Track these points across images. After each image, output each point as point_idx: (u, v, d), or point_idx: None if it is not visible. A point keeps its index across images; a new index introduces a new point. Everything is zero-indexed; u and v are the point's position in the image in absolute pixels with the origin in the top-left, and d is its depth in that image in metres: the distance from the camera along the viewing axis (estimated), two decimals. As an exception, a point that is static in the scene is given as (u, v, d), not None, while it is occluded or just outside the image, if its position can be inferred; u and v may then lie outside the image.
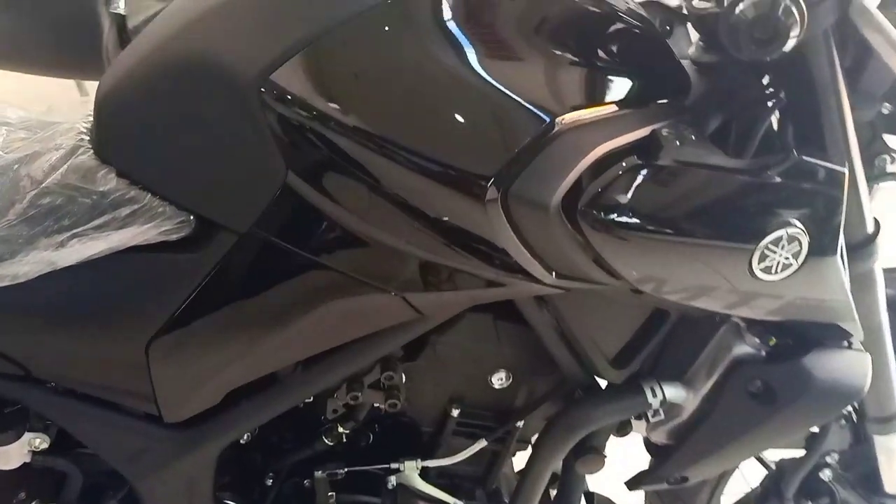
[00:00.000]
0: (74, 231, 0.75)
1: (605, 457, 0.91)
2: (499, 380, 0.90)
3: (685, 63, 0.80)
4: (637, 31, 0.72)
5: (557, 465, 0.92)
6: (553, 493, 1.01)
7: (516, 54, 0.65)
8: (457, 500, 0.95)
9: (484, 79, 0.63)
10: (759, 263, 0.68)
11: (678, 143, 0.67)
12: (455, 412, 0.91)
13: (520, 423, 0.92)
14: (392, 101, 0.64)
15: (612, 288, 0.71)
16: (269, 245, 0.72)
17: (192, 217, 0.75)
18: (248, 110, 0.66)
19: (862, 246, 0.80)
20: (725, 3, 0.64)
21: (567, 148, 0.63)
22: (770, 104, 0.76)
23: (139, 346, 0.79)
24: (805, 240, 0.68)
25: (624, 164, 0.65)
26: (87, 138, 0.77)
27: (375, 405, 0.88)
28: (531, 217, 0.64)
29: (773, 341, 0.81)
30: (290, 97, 0.64)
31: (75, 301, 0.79)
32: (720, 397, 0.83)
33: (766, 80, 0.77)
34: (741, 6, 0.62)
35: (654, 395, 0.85)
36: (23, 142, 0.81)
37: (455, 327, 0.86)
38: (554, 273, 0.68)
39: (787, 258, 0.68)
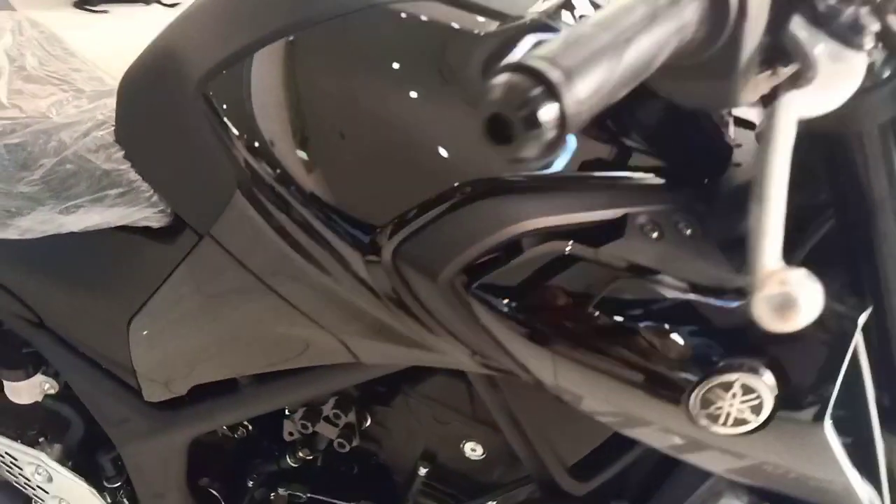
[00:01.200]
0: (76, 201, 0.80)
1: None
2: (472, 450, 0.81)
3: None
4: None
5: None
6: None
7: (450, 101, 0.57)
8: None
9: (402, 121, 0.56)
10: (700, 408, 0.53)
11: (654, 236, 0.55)
12: (423, 470, 0.84)
13: None
14: (300, 129, 0.59)
15: None
16: (222, 253, 0.71)
17: (169, 209, 0.76)
18: (198, 115, 0.65)
19: None
20: None
21: (481, 215, 0.54)
22: (815, 216, 0.59)
23: (122, 321, 0.82)
24: (769, 395, 0.52)
25: (555, 248, 0.54)
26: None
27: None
28: (422, 284, 0.56)
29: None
30: (224, 107, 0.62)
31: (74, 266, 0.84)
32: None
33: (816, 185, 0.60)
34: None
35: None
36: (76, 108, 0.87)
37: (429, 381, 0.79)
38: (472, 352, 0.59)
39: (740, 410, 0.53)
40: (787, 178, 0.39)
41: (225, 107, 0.62)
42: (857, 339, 0.53)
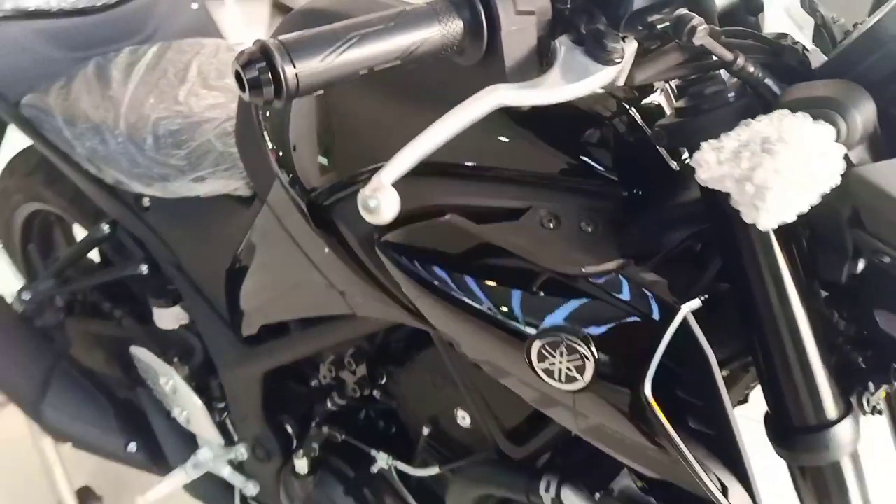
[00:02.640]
0: (202, 173, 1.07)
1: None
2: (462, 417, 0.94)
3: None
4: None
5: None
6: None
7: (381, 96, 0.73)
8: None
9: (346, 111, 0.73)
10: (538, 361, 0.63)
11: (550, 226, 0.67)
12: (426, 430, 0.98)
13: None
14: (292, 129, 0.79)
15: None
16: (272, 217, 0.93)
17: (251, 182, 1.00)
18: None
19: (808, 431, 0.64)
20: None
21: (403, 189, 0.69)
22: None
23: (222, 269, 1.07)
24: (591, 358, 0.60)
25: (448, 219, 0.68)
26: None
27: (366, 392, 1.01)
28: (350, 238, 0.72)
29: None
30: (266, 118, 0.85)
31: (198, 223, 1.11)
32: None
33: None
34: None
35: (547, 491, 0.80)
36: (225, 109, 1.14)
37: (425, 352, 0.93)
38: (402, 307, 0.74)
39: (568, 369, 0.61)
40: (447, 136, 0.50)
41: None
42: (694, 328, 0.60)
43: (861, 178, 0.54)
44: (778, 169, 0.46)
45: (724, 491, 0.65)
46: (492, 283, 0.65)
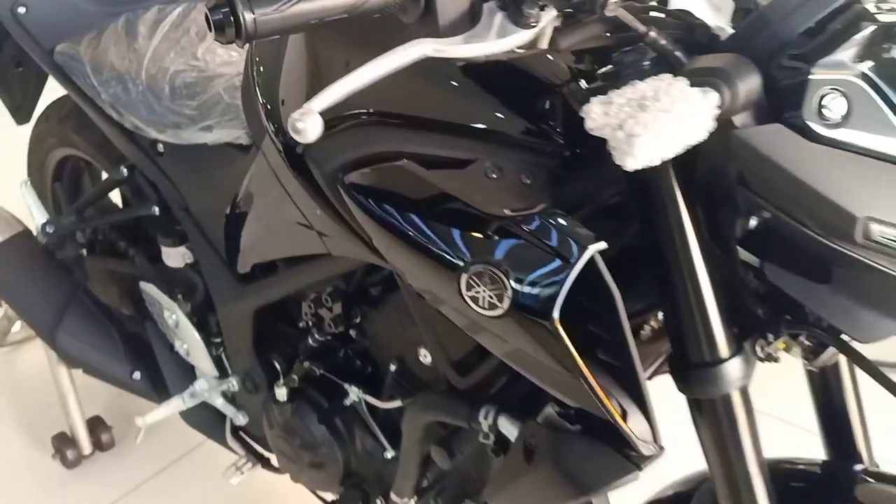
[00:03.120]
0: (210, 122, 1.17)
1: (458, 454, 0.97)
2: (423, 355, 1.03)
3: None
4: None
5: (418, 445, 1.01)
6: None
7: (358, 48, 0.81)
8: (383, 444, 1.12)
9: (324, 67, 0.82)
10: (466, 290, 0.72)
11: (493, 176, 0.76)
12: (392, 367, 1.07)
13: None
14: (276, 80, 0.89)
15: None
16: (264, 161, 1.02)
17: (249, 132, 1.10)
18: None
19: (705, 363, 0.72)
20: None
21: (366, 136, 0.79)
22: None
23: (223, 212, 1.18)
24: (508, 287, 0.69)
25: (402, 164, 0.77)
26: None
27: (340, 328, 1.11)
28: (320, 175, 0.82)
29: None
30: (257, 60, 0.94)
31: (204, 168, 1.21)
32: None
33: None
34: None
35: (486, 419, 0.89)
36: (238, 66, 1.24)
37: (394, 295, 1.03)
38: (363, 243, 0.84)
39: (490, 296, 0.70)
40: (372, 78, 0.59)
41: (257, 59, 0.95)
42: (601, 267, 0.69)
43: (741, 140, 0.62)
44: (646, 122, 0.55)
45: (624, 415, 0.74)
46: (434, 221, 0.74)
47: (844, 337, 0.72)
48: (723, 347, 0.71)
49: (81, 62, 1.29)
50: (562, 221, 0.71)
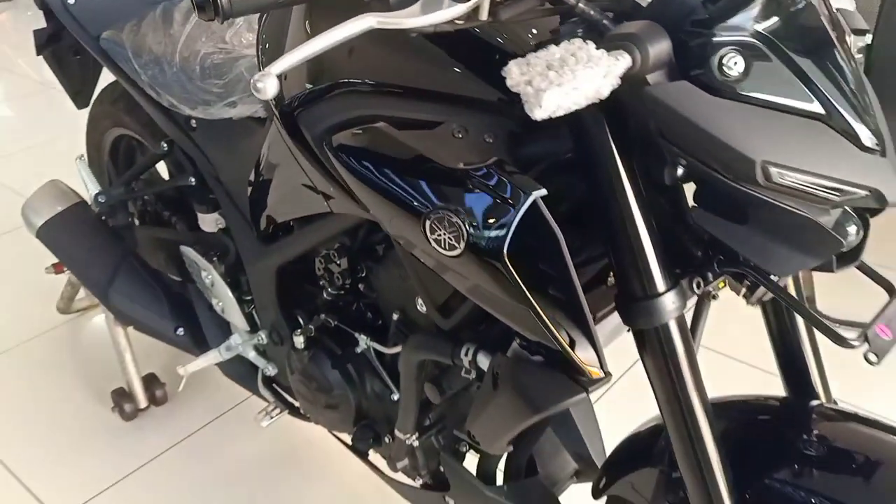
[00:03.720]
0: (233, 99, 1.30)
1: (447, 389, 1.09)
2: (420, 304, 1.13)
3: None
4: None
5: (414, 383, 1.12)
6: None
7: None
8: (390, 387, 1.24)
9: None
10: (430, 233, 0.82)
11: (459, 136, 0.86)
12: (395, 316, 1.19)
13: None
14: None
15: None
16: (277, 133, 1.15)
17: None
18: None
19: (644, 296, 0.81)
20: None
21: (349, 103, 0.90)
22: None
23: (246, 179, 1.31)
24: (464, 229, 0.79)
25: (379, 126, 0.88)
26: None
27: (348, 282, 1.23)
28: (309, 136, 0.93)
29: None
30: (265, 41, 1.06)
31: (230, 140, 1.35)
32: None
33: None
34: None
35: (466, 355, 1.00)
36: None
37: (394, 251, 1.14)
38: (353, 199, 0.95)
39: (449, 238, 0.81)
40: (324, 47, 0.69)
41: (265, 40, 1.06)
42: (543, 211, 0.78)
43: (653, 96, 0.70)
44: (552, 79, 0.64)
45: (572, 345, 0.83)
46: (405, 175, 0.85)
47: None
48: (659, 283, 0.80)
49: (124, 47, 1.43)
50: (510, 172, 0.81)
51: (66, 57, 1.80)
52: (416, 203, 0.84)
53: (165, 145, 1.51)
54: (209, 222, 1.47)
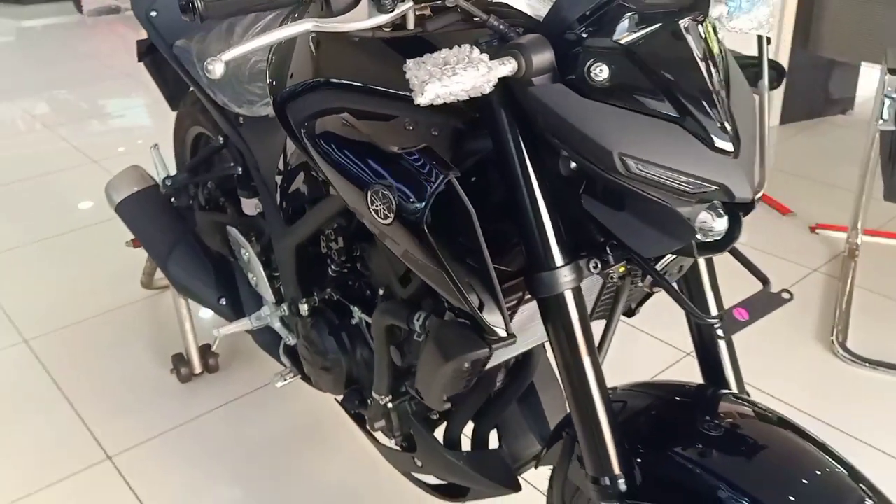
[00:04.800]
0: (269, 99, 1.52)
1: (407, 353, 1.24)
2: (407, 281, 1.30)
3: None
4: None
5: (384, 347, 1.28)
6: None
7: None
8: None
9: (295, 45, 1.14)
10: (371, 204, 0.99)
11: (409, 128, 1.04)
12: (381, 291, 1.36)
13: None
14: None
15: None
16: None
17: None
18: None
19: (545, 269, 0.94)
20: None
21: (322, 97, 1.09)
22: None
23: (276, 169, 1.53)
24: (394, 203, 0.95)
25: (342, 116, 1.06)
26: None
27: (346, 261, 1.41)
28: (294, 124, 1.12)
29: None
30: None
31: (266, 135, 1.57)
32: None
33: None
34: None
35: (418, 320, 1.16)
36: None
37: None
38: None
39: (383, 208, 0.97)
40: (268, 43, 0.87)
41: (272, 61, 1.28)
42: (458, 190, 0.94)
43: (534, 96, 0.86)
44: (433, 74, 0.80)
45: (481, 308, 0.98)
46: (356, 155, 1.03)
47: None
48: (557, 258, 0.94)
49: (191, 54, 1.69)
50: (434, 157, 0.97)
51: (163, 65, 2.10)
52: (362, 178, 1.01)
53: (221, 139, 1.75)
54: (250, 207, 1.70)
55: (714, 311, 1.06)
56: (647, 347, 2.17)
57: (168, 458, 1.92)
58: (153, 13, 1.74)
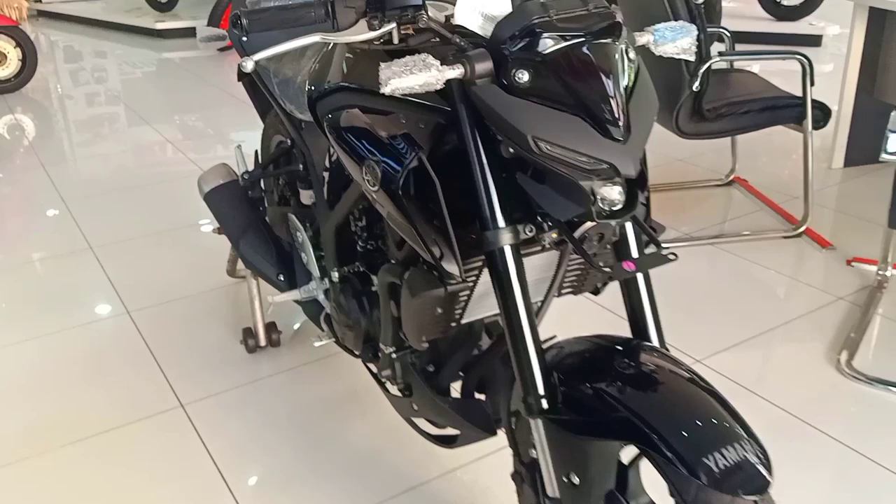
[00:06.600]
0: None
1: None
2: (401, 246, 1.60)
3: None
4: None
5: (387, 303, 1.57)
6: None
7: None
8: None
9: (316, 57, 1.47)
10: (365, 176, 1.30)
11: (403, 122, 1.36)
12: (393, 262, 1.66)
13: None
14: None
15: None
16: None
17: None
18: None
19: (489, 228, 1.22)
20: None
21: (340, 97, 1.42)
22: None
23: (324, 165, 1.88)
24: (379, 175, 1.26)
25: (353, 111, 1.38)
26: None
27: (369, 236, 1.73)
28: (320, 122, 1.46)
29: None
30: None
31: (320, 138, 1.92)
32: None
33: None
34: None
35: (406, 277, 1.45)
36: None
37: None
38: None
39: (373, 180, 1.28)
40: (290, 49, 1.20)
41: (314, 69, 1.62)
42: (425, 164, 1.24)
43: (475, 93, 1.15)
44: (395, 72, 1.11)
45: (441, 257, 1.27)
46: (358, 139, 1.36)
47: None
48: (500, 220, 1.21)
49: (268, 70, 2.07)
50: (410, 141, 1.27)
51: (255, 84, 2.51)
52: (359, 155, 1.34)
53: (288, 141, 2.12)
54: (306, 197, 2.05)
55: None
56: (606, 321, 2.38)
57: (230, 411, 2.28)
58: (244, 39, 2.14)
